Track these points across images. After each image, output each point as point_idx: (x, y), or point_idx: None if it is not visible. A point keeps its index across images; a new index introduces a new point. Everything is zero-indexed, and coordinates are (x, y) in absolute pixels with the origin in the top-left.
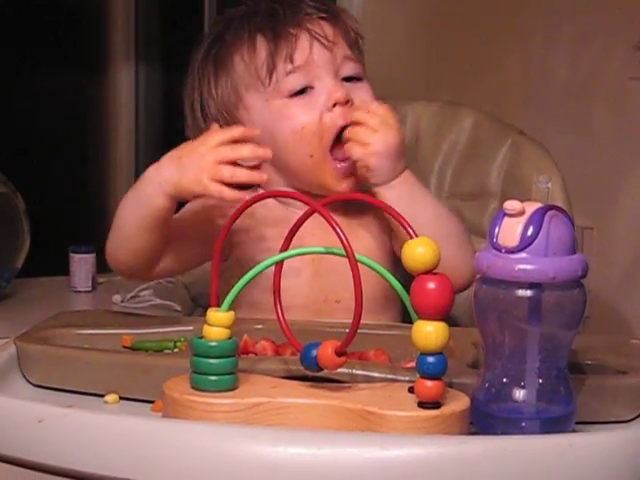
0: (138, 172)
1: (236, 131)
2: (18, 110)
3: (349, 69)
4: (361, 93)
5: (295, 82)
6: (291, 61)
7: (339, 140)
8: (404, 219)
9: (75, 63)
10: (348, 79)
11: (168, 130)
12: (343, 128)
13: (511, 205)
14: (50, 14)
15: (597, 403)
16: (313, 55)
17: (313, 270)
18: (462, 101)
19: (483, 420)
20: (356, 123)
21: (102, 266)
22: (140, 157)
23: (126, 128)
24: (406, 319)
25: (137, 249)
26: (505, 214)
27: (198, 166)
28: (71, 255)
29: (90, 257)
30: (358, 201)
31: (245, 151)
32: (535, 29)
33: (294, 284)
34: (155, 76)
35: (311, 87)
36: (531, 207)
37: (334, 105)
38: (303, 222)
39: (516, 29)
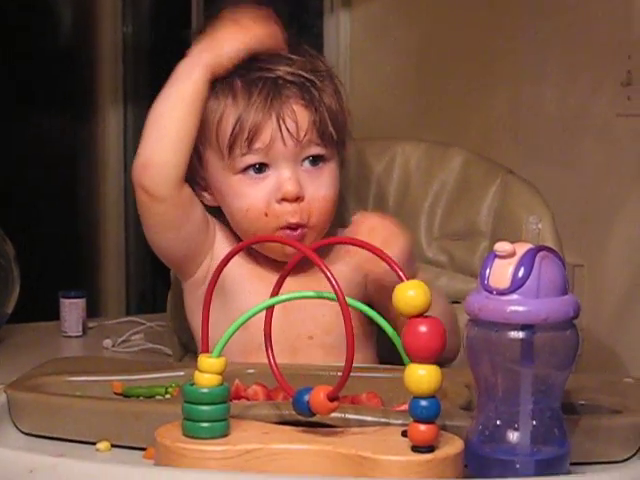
0: (127, 216)
1: None
2: (6, 155)
3: (314, 151)
4: (319, 181)
5: (250, 160)
6: (249, 146)
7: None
8: (394, 262)
9: (63, 107)
10: (312, 159)
11: None
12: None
13: (502, 247)
14: (39, 59)
15: (592, 443)
16: (275, 144)
17: (282, 306)
18: (451, 141)
19: (477, 463)
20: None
21: (92, 311)
22: (129, 201)
23: (115, 171)
24: (382, 355)
25: (176, 139)
26: (496, 256)
27: (230, 30)
28: (61, 300)
29: (80, 302)
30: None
31: None
32: (522, 67)
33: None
34: (144, 118)
35: (267, 166)
36: (522, 248)
37: (282, 199)
38: (293, 266)
39: (504, 68)
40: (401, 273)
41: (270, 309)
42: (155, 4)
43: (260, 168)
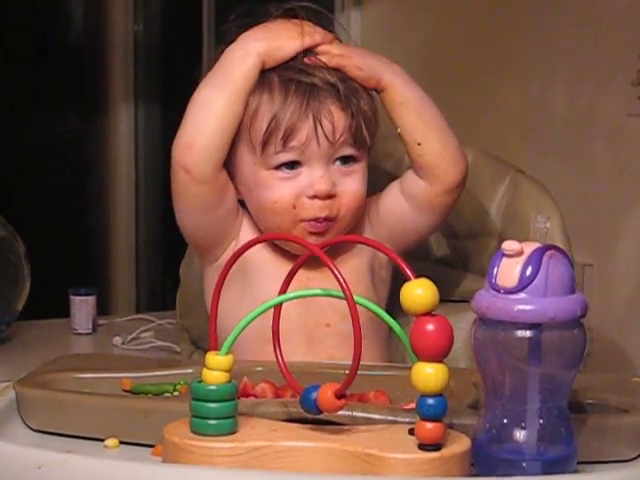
0: (138, 214)
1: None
2: (18, 153)
3: (346, 152)
4: (350, 178)
5: (284, 158)
6: (284, 145)
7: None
8: (402, 260)
9: (74, 105)
10: (344, 159)
11: (168, 170)
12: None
13: (510, 245)
14: (51, 57)
15: (599, 442)
16: (310, 143)
17: None
18: (460, 139)
19: (484, 461)
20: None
21: (102, 308)
22: (140, 199)
23: (126, 169)
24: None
25: (222, 121)
26: (504, 254)
27: (287, 28)
28: (71, 297)
29: (90, 299)
30: (352, 243)
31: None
32: (532, 67)
33: (282, 308)
34: (155, 116)
35: (300, 164)
36: (530, 247)
37: (314, 196)
38: (301, 265)
39: (513, 67)
40: (408, 272)
41: (278, 307)
42: (166, 2)
43: (292, 165)
